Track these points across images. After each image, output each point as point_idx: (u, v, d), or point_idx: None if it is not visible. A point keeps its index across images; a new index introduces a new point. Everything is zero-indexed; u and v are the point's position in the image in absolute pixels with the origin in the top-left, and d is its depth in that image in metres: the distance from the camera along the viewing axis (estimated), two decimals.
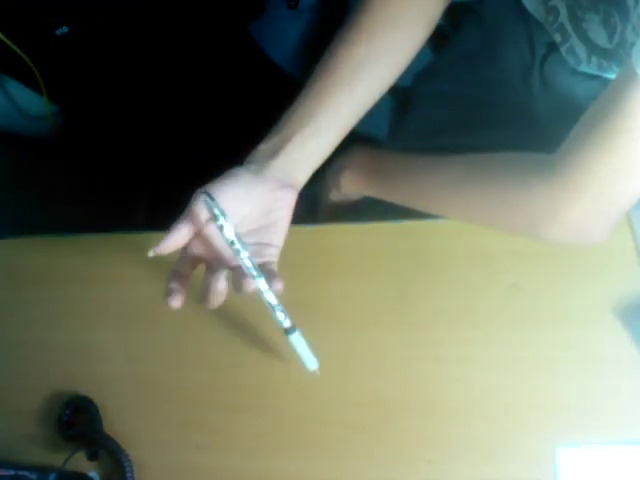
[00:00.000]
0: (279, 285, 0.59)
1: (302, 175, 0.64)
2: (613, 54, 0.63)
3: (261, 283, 0.59)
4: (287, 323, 0.62)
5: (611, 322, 0.65)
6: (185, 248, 0.61)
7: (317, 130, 0.63)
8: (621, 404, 0.63)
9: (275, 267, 0.61)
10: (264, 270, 0.60)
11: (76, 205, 1.38)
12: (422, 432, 0.66)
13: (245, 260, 0.58)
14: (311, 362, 0.65)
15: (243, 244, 0.59)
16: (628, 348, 0.64)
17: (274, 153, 0.62)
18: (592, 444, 0.63)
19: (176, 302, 0.59)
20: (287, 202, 0.63)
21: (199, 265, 0.63)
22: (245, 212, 0.61)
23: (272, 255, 0.62)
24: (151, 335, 0.76)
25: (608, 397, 0.63)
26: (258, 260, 0.60)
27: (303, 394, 0.70)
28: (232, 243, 0.58)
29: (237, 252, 0.58)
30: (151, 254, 0.59)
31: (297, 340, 0.63)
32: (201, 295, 0.59)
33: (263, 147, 0.63)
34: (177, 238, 0.59)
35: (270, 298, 0.60)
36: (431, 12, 0.69)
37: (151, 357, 0.75)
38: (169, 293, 0.60)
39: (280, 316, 0.62)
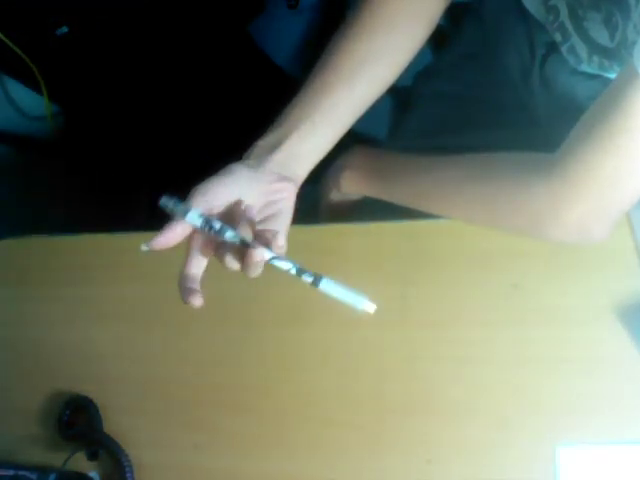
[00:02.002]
0: (280, 241, 0.57)
1: (301, 170, 0.64)
2: (614, 53, 0.63)
3: (262, 252, 0.56)
4: (308, 278, 0.57)
5: (611, 322, 0.65)
6: (190, 248, 0.60)
7: (314, 127, 0.63)
8: (621, 404, 0.63)
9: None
10: (264, 237, 0.57)
11: (76, 205, 1.38)
12: (421, 432, 0.66)
13: (232, 238, 0.56)
14: (358, 301, 0.57)
15: (222, 224, 0.56)
16: (628, 348, 0.64)
17: (272, 149, 0.62)
18: (592, 444, 0.63)
19: (198, 300, 0.57)
20: (288, 194, 0.62)
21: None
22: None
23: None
24: (151, 335, 0.76)
25: (608, 397, 0.63)
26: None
27: (303, 394, 0.70)
28: (210, 228, 0.56)
29: (221, 232, 0.56)
30: (144, 248, 0.58)
31: (329, 287, 0.57)
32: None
33: (261, 143, 0.63)
34: (170, 235, 0.58)
35: (280, 263, 0.57)
36: (432, 11, 0.68)
37: (151, 357, 0.75)
38: (188, 293, 0.57)
39: (299, 273, 0.57)
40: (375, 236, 0.75)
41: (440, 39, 0.94)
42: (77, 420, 0.73)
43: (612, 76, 0.67)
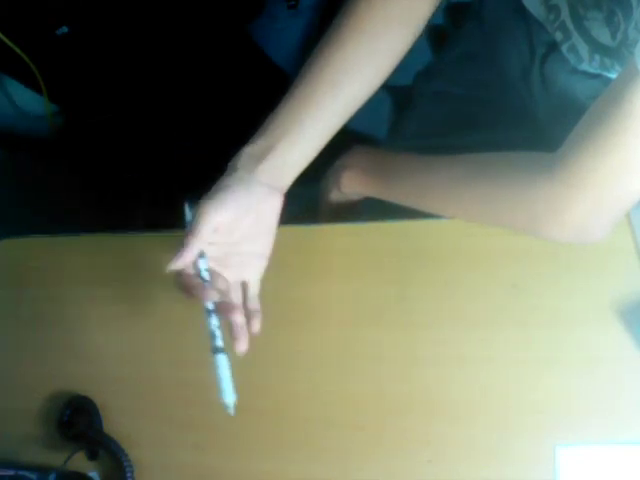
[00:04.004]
0: (257, 326, 0.64)
1: (288, 178, 0.65)
2: (616, 52, 0.63)
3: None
4: (219, 342, 0.62)
5: (611, 322, 0.65)
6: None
7: (301, 135, 0.64)
8: (621, 404, 0.63)
9: (257, 301, 0.66)
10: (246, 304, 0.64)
11: (76, 205, 1.38)
12: (422, 432, 0.66)
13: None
14: (228, 394, 0.60)
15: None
16: (628, 348, 0.64)
17: (260, 158, 0.63)
18: (592, 444, 0.63)
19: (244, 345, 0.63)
20: (274, 208, 0.64)
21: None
22: (240, 224, 0.62)
23: (258, 267, 0.65)
24: (151, 335, 0.76)
25: (608, 397, 0.63)
26: (236, 276, 0.64)
27: (303, 394, 0.70)
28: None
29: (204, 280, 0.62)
30: (171, 268, 0.61)
31: (223, 363, 0.61)
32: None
33: (248, 150, 0.64)
34: (190, 255, 0.61)
35: (213, 319, 0.62)
36: (419, 15, 0.68)
37: (151, 357, 0.75)
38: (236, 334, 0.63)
39: (215, 332, 0.62)
40: (374, 236, 0.75)
41: (440, 39, 0.94)
42: (77, 420, 0.73)
43: (613, 75, 0.67)
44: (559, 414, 0.64)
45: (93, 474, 0.71)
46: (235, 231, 0.62)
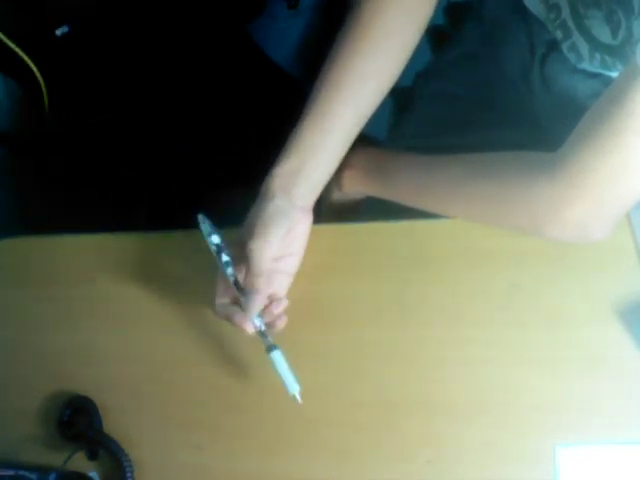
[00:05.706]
0: (282, 324, 0.66)
1: (316, 196, 0.68)
2: (618, 51, 0.63)
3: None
4: (270, 339, 0.66)
5: (611, 322, 0.65)
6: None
7: (327, 152, 0.66)
8: (621, 404, 0.63)
9: (284, 302, 0.68)
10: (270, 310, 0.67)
11: (76, 205, 1.38)
12: (422, 432, 0.66)
13: (230, 275, 0.66)
14: (292, 385, 0.64)
15: (229, 260, 0.67)
16: (628, 348, 0.64)
17: (293, 180, 0.66)
18: (592, 444, 0.63)
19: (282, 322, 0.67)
20: (306, 228, 0.68)
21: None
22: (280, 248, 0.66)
23: (284, 284, 0.68)
24: (151, 335, 0.76)
25: (608, 397, 0.63)
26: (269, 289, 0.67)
27: (303, 394, 0.70)
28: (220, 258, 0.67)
29: (225, 266, 0.66)
30: (251, 313, 0.65)
31: (278, 359, 0.65)
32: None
33: (279, 172, 0.66)
34: (263, 297, 0.65)
35: (258, 321, 0.66)
36: (421, 17, 0.69)
37: (151, 357, 0.75)
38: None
39: (264, 332, 0.66)
40: (375, 236, 0.75)
41: (440, 39, 0.94)
42: (77, 420, 0.73)
43: (614, 74, 0.67)
44: (559, 414, 0.64)
45: (93, 474, 0.71)
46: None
